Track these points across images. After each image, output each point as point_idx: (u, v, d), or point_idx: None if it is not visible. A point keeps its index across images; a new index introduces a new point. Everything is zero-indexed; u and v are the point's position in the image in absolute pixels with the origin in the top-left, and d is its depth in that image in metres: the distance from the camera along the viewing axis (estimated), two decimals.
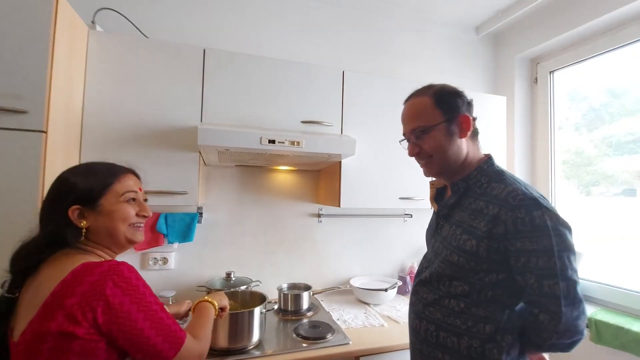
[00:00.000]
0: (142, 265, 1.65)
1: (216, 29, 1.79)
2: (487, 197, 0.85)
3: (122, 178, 0.82)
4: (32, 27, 1.04)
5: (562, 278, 0.74)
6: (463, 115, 0.91)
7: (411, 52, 2.17)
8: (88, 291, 0.65)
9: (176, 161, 1.37)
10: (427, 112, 0.90)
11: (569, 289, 0.75)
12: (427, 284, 0.93)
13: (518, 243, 0.77)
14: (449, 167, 0.92)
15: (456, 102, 0.91)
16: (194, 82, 1.40)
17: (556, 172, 2.08)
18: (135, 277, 0.71)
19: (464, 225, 0.86)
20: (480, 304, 0.83)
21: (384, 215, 2.04)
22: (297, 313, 1.59)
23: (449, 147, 0.90)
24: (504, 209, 0.79)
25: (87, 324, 0.64)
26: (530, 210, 0.77)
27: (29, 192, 1.02)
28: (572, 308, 0.75)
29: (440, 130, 0.89)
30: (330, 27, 2.00)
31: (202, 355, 0.81)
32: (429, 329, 0.89)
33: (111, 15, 1.51)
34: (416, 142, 0.93)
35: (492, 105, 1.94)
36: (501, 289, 0.83)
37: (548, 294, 0.75)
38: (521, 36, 2.14)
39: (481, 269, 0.82)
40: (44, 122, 1.05)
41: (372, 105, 1.67)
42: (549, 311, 0.76)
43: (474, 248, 0.82)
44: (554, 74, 2.08)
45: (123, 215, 0.79)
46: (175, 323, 0.76)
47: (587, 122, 1.94)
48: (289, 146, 1.33)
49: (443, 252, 0.90)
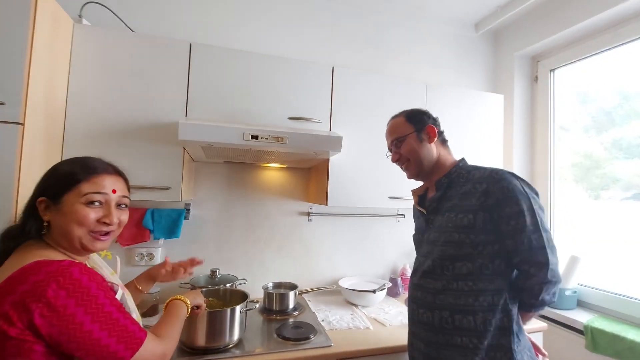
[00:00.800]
0: (128, 261, 1.64)
1: (203, 23, 1.77)
2: (473, 180, 1.01)
3: (95, 177, 0.77)
4: (11, 17, 1.03)
5: (543, 230, 0.91)
6: (429, 126, 1.12)
7: (406, 49, 2.13)
8: (28, 291, 0.62)
9: (160, 156, 1.36)
10: (400, 126, 1.14)
11: (548, 239, 0.92)
12: (430, 274, 1.01)
13: (507, 208, 0.92)
14: (424, 167, 1.12)
15: (422, 117, 1.14)
16: (179, 77, 1.39)
17: (555, 172, 2.02)
18: (88, 278, 0.68)
19: (457, 208, 1.00)
20: (485, 278, 0.94)
21: (376, 215, 2.00)
22: (282, 313, 1.56)
23: (421, 151, 1.10)
24: (491, 183, 0.95)
25: (22, 325, 0.61)
26: (511, 180, 0.95)
27: (4, 184, 1.01)
28: (552, 254, 0.91)
29: (412, 138, 1.11)
30: (322, 22, 1.97)
31: (165, 355, 0.78)
32: (443, 315, 0.97)
33: (98, 10, 1.51)
34: (396, 151, 1.15)
35: (488, 103, 1.89)
36: (498, 258, 0.95)
37: (536, 247, 0.90)
38: (521, 33, 2.09)
39: (479, 241, 0.94)
40: (21, 114, 1.04)
41: (362, 102, 1.64)
42: (538, 263, 0.90)
43: (472, 221, 0.95)
44: (554, 72, 2.03)
45: (78, 219, 0.73)
46: (134, 323, 0.72)
47: (596, 124, 1.88)
48: (272, 142, 1.30)
49: (442, 236, 1.01)
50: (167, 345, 0.79)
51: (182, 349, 1.21)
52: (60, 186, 0.75)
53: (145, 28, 1.65)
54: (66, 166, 0.79)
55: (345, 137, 1.52)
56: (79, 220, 0.73)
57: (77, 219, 0.73)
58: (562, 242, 1.93)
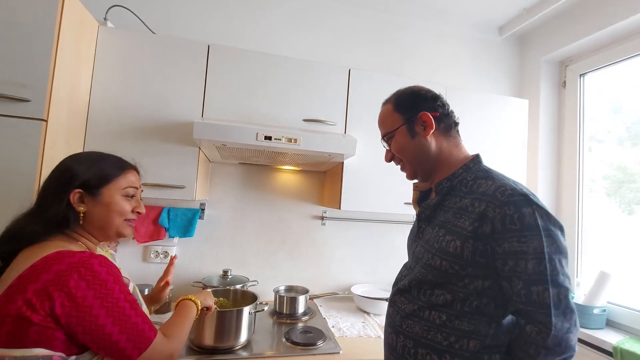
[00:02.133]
0: (143, 258, 1.67)
1: (221, 25, 1.80)
2: (474, 194, 0.78)
3: (127, 173, 0.85)
4: (39, 19, 1.08)
5: (552, 284, 0.67)
6: (423, 113, 0.87)
7: (426, 52, 2.09)
8: (52, 280, 0.64)
9: (176, 155, 1.38)
10: (388, 118, 0.92)
11: (559, 297, 0.67)
12: (405, 293, 0.85)
13: (506, 244, 0.69)
14: (421, 167, 0.90)
15: (415, 102, 0.89)
16: (197, 78, 1.41)
17: (584, 184, 1.91)
18: (106, 271, 0.70)
19: (448, 225, 0.79)
20: (464, 315, 0.74)
21: (392, 222, 1.96)
22: (292, 317, 1.54)
23: (413, 148, 0.88)
24: (491, 206, 0.72)
25: (44, 312, 0.63)
26: (519, 207, 0.70)
27: (27, 177, 1.05)
28: (562, 319, 0.66)
29: (401, 133, 0.89)
30: (339, 24, 1.96)
31: (173, 355, 0.78)
32: (407, 345, 0.80)
33: (122, 13, 1.56)
34: (387, 149, 0.95)
35: (512, 108, 1.82)
36: (487, 297, 0.74)
37: (536, 302, 0.67)
38: (548, 37, 2.00)
39: (466, 274, 0.74)
40: (45, 111, 1.08)
41: (379, 104, 1.60)
42: (537, 322, 0.67)
43: (458, 250, 0.74)
44: (584, 77, 1.93)
45: (120, 209, 0.81)
46: (145, 321, 0.73)
47: (631, 136, 1.76)
48: (285, 143, 1.30)
49: (424, 256, 0.82)
50: (175, 346, 0.80)
51: (190, 347, 1.21)
52: (99, 179, 0.80)
53: (165, 29, 1.70)
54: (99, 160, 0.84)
55: (360, 140, 1.50)
56: (121, 211, 0.81)
57: (119, 209, 0.81)
58: (591, 258, 1.82)
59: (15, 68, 1.06)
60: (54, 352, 0.64)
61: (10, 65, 1.06)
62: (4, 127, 1.05)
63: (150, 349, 0.72)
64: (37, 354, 0.62)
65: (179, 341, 0.82)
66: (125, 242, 1.64)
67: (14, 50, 1.06)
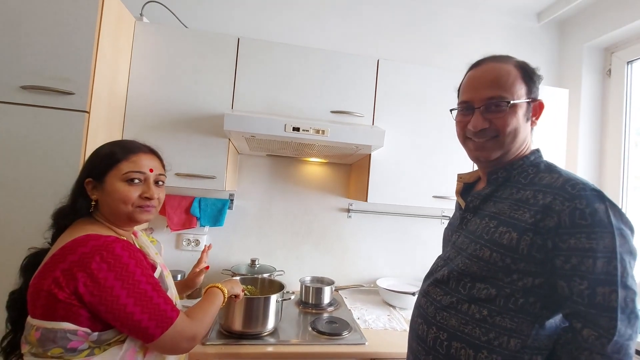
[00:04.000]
0: (176, 245, 1.74)
1: (250, 18, 1.82)
2: (536, 186, 0.73)
3: (134, 157, 0.82)
4: (80, 16, 1.14)
5: (622, 286, 0.61)
6: (541, 102, 0.81)
7: (458, 40, 2.01)
8: (76, 261, 0.68)
9: (207, 146, 1.42)
10: (514, 83, 0.77)
11: (626, 301, 0.61)
12: (442, 285, 0.81)
13: (572, 239, 0.64)
14: (509, 154, 0.80)
15: (537, 82, 0.80)
16: (227, 71, 1.44)
17: (629, 181, 1.78)
18: (128, 255, 0.72)
19: (502, 216, 0.74)
20: (508, 312, 0.70)
21: (419, 215, 1.92)
22: (318, 307, 1.56)
23: (521, 132, 0.78)
24: (559, 198, 0.67)
25: (69, 290, 0.67)
26: (592, 202, 0.64)
27: (72, 165, 1.12)
28: (627, 324, 0.61)
29: (522, 109, 0.77)
30: (369, 15, 1.93)
31: (196, 337, 0.79)
32: (440, 337, 0.76)
33: (157, 8, 1.62)
34: (487, 116, 0.77)
35: (550, 98, 1.72)
36: (534, 296, 0.69)
37: (601, 305, 0.61)
38: (591, 22, 1.87)
39: (516, 269, 0.69)
40: (88, 103, 1.14)
41: (407, 96, 1.58)
42: (599, 326, 0.61)
43: (514, 242, 0.69)
44: (632, 64, 1.79)
45: (122, 197, 0.79)
46: (167, 302, 0.75)
47: None
48: (313, 134, 1.30)
49: (470, 246, 0.77)
50: (197, 329, 0.80)
51: (220, 332, 1.26)
52: (102, 167, 0.80)
53: (197, 24, 1.74)
54: (106, 148, 0.84)
55: (388, 132, 1.48)
56: (122, 198, 0.79)
57: (120, 197, 0.79)
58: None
59: (59, 63, 1.13)
60: (79, 327, 0.68)
61: (55, 60, 1.13)
62: (50, 119, 1.12)
63: (172, 329, 0.74)
64: (64, 327, 0.67)
65: (202, 324, 0.83)
66: (159, 229, 1.71)
67: (58, 46, 1.13)
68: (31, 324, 0.68)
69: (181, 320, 0.77)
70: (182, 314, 0.79)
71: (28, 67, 1.12)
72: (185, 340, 0.77)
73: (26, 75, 1.11)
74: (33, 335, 0.67)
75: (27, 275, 0.76)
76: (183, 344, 0.77)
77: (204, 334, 0.83)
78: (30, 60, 1.12)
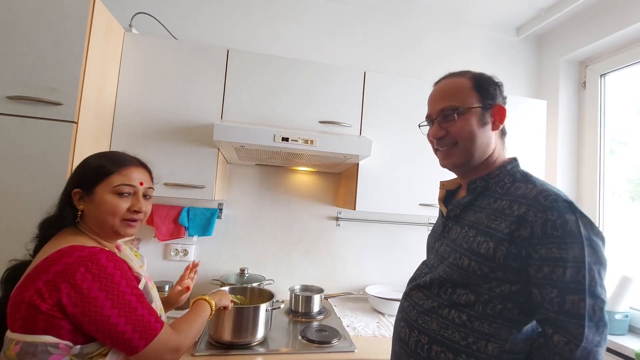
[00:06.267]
0: (164, 256, 1.72)
1: (240, 30, 1.85)
2: (512, 196, 0.76)
3: (125, 170, 0.82)
4: (70, 27, 1.15)
5: (589, 294, 0.64)
6: (499, 106, 0.83)
7: (443, 55, 2.09)
8: (60, 272, 0.67)
9: (196, 156, 1.43)
10: (463, 92, 0.82)
11: (595, 309, 0.64)
12: (424, 289, 0.83)
13: (544, 249, 0.67)
14: (472, 160, 0.83)
15: (495, 90, 0.84)
16: (216, 81, 1.46)
17: (606, 188, 1.86)
18: (113, 266, 0.72)
19: (480, 226, 0.77)
20: (486, 317, 0.73)
21: (407, 223, 1.96)
22: (307, 315, 1.56)
23: (479, 136, 0.81)
24: (532, 209, 0.69)
25: (52, 301, 0.66)
26: (563, 213, 0.67)
27: (59, 175, 1.11)
28: (595, 331, 0.64)
29: (474, 115, 0.81)
30: (356, 28, 1.99)
31: (179, 349, 0.78)
32: (421, 340, 0.78)
33: (146, 19, 1.63)
34: (443, 125, 0.83)
35: (529, 109, 1.80)
36: (512, 302, 0.72)
37: (570, 312, 0.64)
38: (567, 37, 1.97)
39: (494, 277, 0.72)
40: (76, 114, 1.14)
41: (394, 107, 1.62)
42: (568, 332, 0.64)
43: (490, 251, 0.72)
44: (605, 77, 1.89)
45: (111, 209, 0.79)
46: (151, 314, 0.75)
47: None
48: (302, 144, 1.32)
49: (451, 255, 0.80)
50: (181, 341, 0.80)
51: (209, 342, 1.25)
52: (92, 178, 0.80)
53: (187, 35, 1.76)
54: (96, 159, 0.84)
55: (375, 142, 1.51)
56: (111, 210, 0.79)
57: (109, 209, 0.79)
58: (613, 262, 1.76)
59: (47, 73, 1.13)
60: (60, 340, 0.67)
61: (43, 70, 1.13)
62: (38, 129, 1.11)
63: (157, 340, 0.73)
64: (45, 340, 0.66)
65: (186, 336, 0.83)
66: (146, 240, 1.70)
67: (47, 56, 1.13)
68: (10, 338, 0.67)
69: (165, 332, 0.76)
70: (167, 325, 0.79)
71: (15, 77, 1.11)
72: (168, 352, 0.76)
73: (13, 85, 1.11)
74: (12, 349, 0.66)
75: (7, 288, 0.75)
76: (166, 356, 0.76)
77: (188, 346, 0.83)
78: (18, 71, 1.11)
